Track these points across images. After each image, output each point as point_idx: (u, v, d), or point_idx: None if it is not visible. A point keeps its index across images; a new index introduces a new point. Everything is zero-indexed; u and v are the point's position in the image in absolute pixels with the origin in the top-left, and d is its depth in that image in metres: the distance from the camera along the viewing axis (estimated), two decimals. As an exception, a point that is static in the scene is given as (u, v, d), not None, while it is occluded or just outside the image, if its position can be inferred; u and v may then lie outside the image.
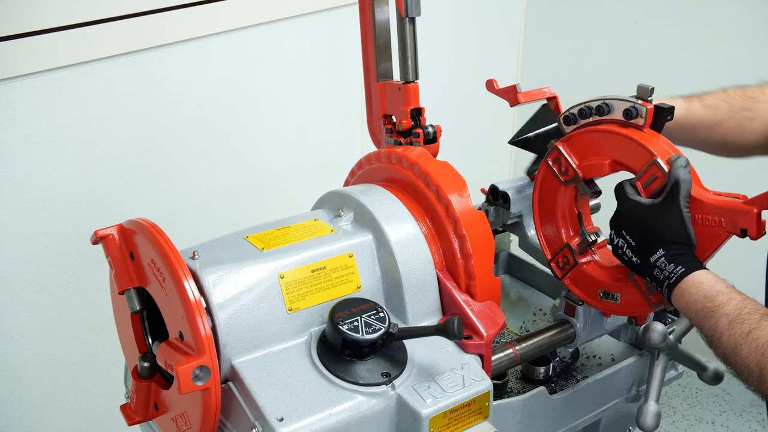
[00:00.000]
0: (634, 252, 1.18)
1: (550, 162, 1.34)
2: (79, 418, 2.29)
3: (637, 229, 1.18)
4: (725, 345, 1.05)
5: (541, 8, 3.31)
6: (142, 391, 1.22)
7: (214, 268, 1.13)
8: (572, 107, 1.31)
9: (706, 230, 1.15)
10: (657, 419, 1.37)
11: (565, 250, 1.37)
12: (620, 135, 1.24)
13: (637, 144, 1.21)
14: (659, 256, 1.13)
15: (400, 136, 1.56)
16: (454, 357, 1.17)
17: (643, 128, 1.23)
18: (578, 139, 1.31)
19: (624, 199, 1.21)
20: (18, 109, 1.96)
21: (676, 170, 1.15)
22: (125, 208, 2.22)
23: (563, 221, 1.38)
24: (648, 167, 1.19)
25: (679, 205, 1.14)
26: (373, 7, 1.55)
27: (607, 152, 1.27)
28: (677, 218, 1.14)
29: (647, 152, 1.20)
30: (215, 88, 2.37)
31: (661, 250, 1.14)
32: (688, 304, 1.10)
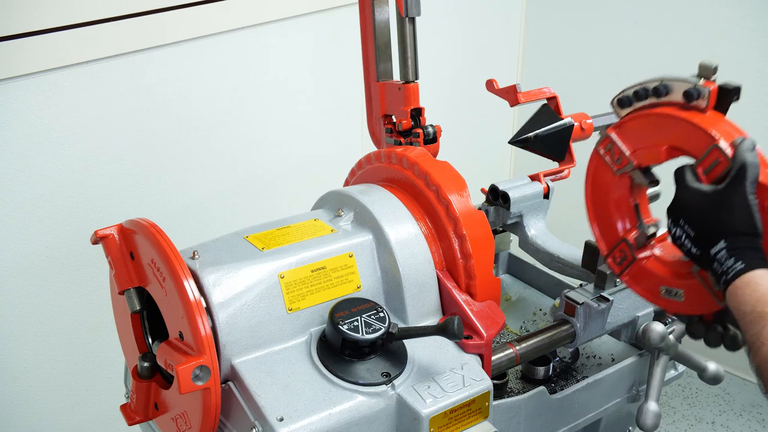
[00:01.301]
0: (693, 243, 1.09)
1: (602, 151, 1.26)
2: (79, 418, 2.29)
3: (697, 218, 1.08)
4: (764, 356, 0.96)
5: (541, 8, 3.31)
6: (142, 391, 1.22)
7: (214, 268, 1.13)
8: (627, 89, 1.21)
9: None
10: (657, 419, 1.37)
11: (622, 245, 1.28)
12: (679, 119, 1.14)
13: (697, 128, 1.12)
14: (720, 249, 1.04)
15: (400, 136, 1.56)
16: (454, 357, 1.17)
17: (705, 110, 1.13)
18: (632, 125, 1.22)
19: (683, 185, 1.11)
20: (18, 109, 1.96)
21: (741, 153, 1.06)
22: (125, 208, 2.22)
23: (619, 214, 1.29)
24: (709, 152, 1.10)
25: (744, 191, 1.04)
26: (373, 7, 1.55)
27: (665, 137, 1.17)
28: (742, 206, 1.04)
29: (708, 136, 1.11)
30: (215, 88, 2.37)
31: (722, 242, 1.04)
32: (739, 304, 1.01)
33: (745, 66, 2.68)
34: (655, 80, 1.18)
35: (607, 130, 1.26)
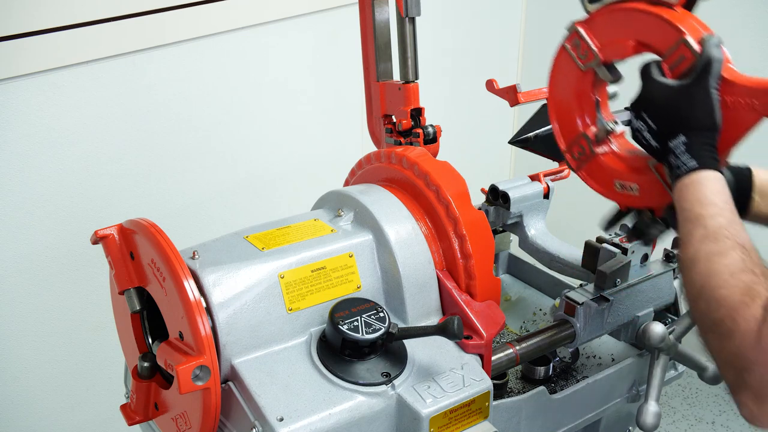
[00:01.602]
0: (654, 136, 1.12)
1: (569, 45, 1.27)
2: (79, 418, 2.29)
3: (661, 111, 1.11)
4: (688, 254, 1.01)
5: (541, 8, 3.31)
6: (142, 391, 1.22)
7: (214, 268, 1.13)
8: None
9: (737, 114, 1.07)
10: (657, 419, 1.37)
11: (582, 139, 1.28)
12: (648, 13, 1.15)
13: (666, 22, 1.12)
14: (678, 142, 1.07)
15: (400, 136, 1.56)
16: (454, 357, 1.17)
17: (674, 7, 1.14)
18: (601, 20, 1.23)
19: (649, 79, 1.13)
20: (18, 109, 1.96)
21: (708, 49, 1.07)
22: (125, 208, 2.22)
23: (579, 110, 1.29)
24: (676, 47, 1.11)
25: (708, 86, 1.06)
26: (373, 7, 1.55)
27: (633, 32, 1.18)
28: (705, 101, 1.06)
29: (676, 31, 1.11)
30: (215, 88, 2.37)
31: (682, 136, 1.08)
32: (682, 201, 1.05)
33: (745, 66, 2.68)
34: None
35: (576, 24, 1.27)
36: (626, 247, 1.38)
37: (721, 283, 0.95)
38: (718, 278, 0.96)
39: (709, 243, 0.99)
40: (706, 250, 0.99)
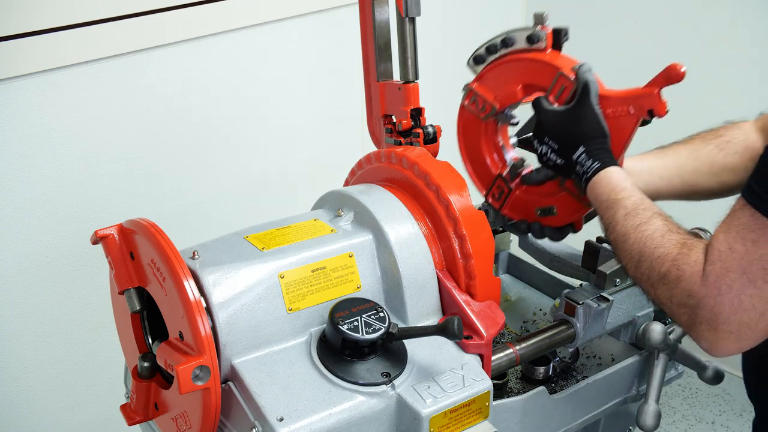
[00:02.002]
0: (558, 154, 1.31)
1: (467, 103, 1.49)
2: (79, 418, 2.29)
3: (558, 132, 1.31)
4: (617, 233, 1.17)
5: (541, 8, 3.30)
6: (142, 391, 1.22)
7: (214, 268, 1.13)
8: (478, 48, 1.45)
9: (619, 121, 1.27)
10: (657, 419, 1.37)
11: (498, 180, 1.49)
12: (526, 59, 1.38)
13: (543, 63, 1.35)
14: (580, 153, 1.27)
15: (400, 136, 1.56)
16: (454, 357, 1.17)
17: (545, 50, 1.38)
18: (489, 75, 1.45)
19: (541, 110, 1.34)
20: (18, 109, 1.96)
21: (582, 75, 1.29)
22: (125, 208, 2.22)
23: (490, 155, 1.50)
24: (556, 80, 1.33)
25: (591, 103, 1.28)
26: (373, 7, 1.55)
27: (518, 78, 1.40)
28: (591, 115, 1.28)
29: (553, 68, 1.34)
30: (215, 88, 2.37)
31: (582, 147, 1.27)
32: (597, 195, 1.23)
33: (745, 66, 2.68)
34: (501, 35, 1.41)
35: (469, 84, 1.48)
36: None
37: (657, 244, 1.11)
38: (652, 241, 1.11)
39: (632, 218, 1.16)
40: (632, 224, 1.15)
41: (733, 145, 1.40)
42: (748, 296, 1.01)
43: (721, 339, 1.04)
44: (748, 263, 1.01)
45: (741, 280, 1.01)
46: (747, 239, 1.01)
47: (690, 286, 1.05)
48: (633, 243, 1.14)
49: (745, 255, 1.01)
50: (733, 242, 1.02)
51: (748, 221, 1.01)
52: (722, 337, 1.04)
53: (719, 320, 1.03)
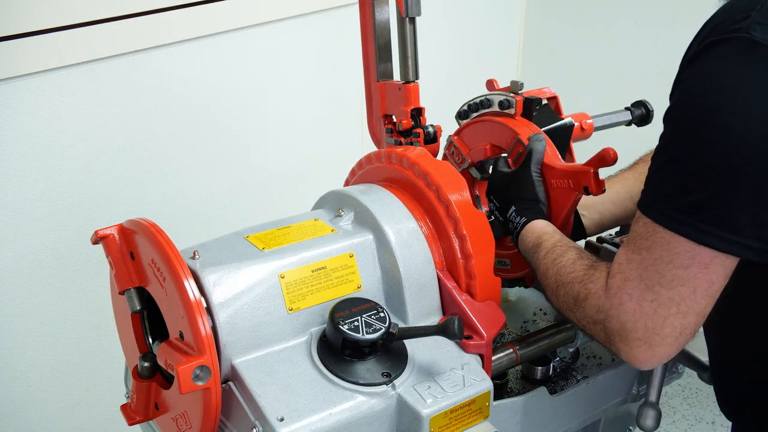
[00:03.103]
0: (499, 212, 1.40)
1: (447, 153, 1.59)
2: (79, 418, 2.29)
3: (499, 191, 1.41)
4: (540, 272, 1.25)
5: (541, 8, 3.31)
6: (143, 391, 1.22)
7: (214, 267, 1.13)
8: (463, 105, 1.56)
9: (560, 192, 1.36)
10: (657, 419, 1.37)
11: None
12: (495, 122, 1.49)
13: (506, 127, 1.45)
14: (512, 211, 1.35)
15: (401, 136, 1.56)
16: (455, 357, 1.17)
17: (515, 116, 1.46)
18: (467, 130, 1.56)
19: (494, 170, 1.44)
20: (18, 109, 1.96)
21: (531, 143, 1.38)
22: (125, 208, 2.22)
23: None
24: (514, 145, 1.43)
25: (530, 169, 1.36)
26: (373, 7, 1.55)
27: (487, 138, 1.51)
28: (528, 180, 1.35)
29: (513, 132, 1.44)
30: (215, 87, 2.37)
31: (513, 207, 1.36)
32: (525, 245, 1.30)
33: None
34: (482, 96, 1.52)
35: (451, 136, 1.58)
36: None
37: (569, 271, 1.18)
38: (565, 269, 1.19)
39: (550, 254, 1.23)
40: (550, 259, 1.23)
41: None
42: (648, 302, 1.05)
43: (634, 348, 1.07)
44: (644, 269, 1.05)
45: (639, 287, 1.05)
46: (642, 247, 1.05)
47: (596, 301, 1.11)
48: (551, 276, 1.21)
49: (641, 263, 1.05)
50: (630, 253, 1.07)
51: (642, 230, 1.06)
52: (635, 347, 1.07)
53: (627, 329, 1.07)
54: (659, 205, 1.04)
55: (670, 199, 1.03)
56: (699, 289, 1.03)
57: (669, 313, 1.04)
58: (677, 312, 1.04)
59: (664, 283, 1.03)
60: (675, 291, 1.03)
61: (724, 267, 1.02)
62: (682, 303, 1.04)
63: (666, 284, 1.03)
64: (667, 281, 1.03)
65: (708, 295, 1.04)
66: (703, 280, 1.03)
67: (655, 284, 1.04)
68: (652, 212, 1.05)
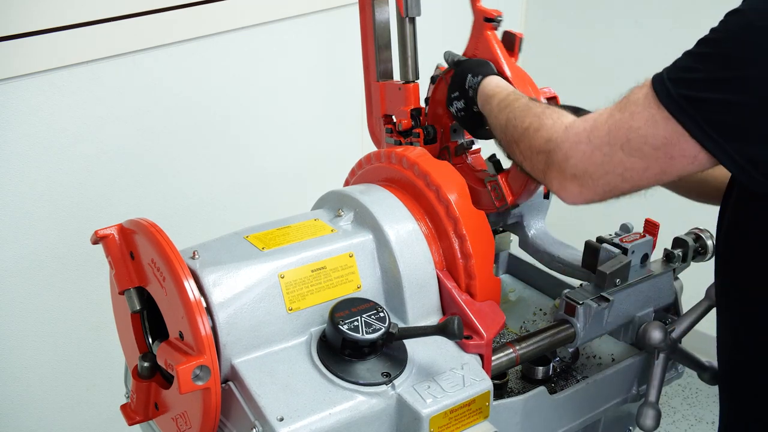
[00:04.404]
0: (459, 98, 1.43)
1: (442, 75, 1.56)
2: (79, 418, 2.29)
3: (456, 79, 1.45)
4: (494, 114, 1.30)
5: (541, 8, 3.31)
6: (143, 391, 1.22)
7: (214, 267, 1.13)
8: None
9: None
10: (657, 419, 1.37)
11: (444, 151, 1.59)
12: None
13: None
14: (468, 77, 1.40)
15: (400, 136, 1.56)
16: (455, 357, 1.18)
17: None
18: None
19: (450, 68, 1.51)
20: (18, 109, 1.96)
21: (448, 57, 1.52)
22: (125, 208, 2.22)
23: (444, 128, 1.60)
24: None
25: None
26: (373, 7, 1.55)
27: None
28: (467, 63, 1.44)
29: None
30: (215, 88, 2.37)
31: (469, 74, 1.41)
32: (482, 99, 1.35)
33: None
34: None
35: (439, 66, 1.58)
36: (626, 247, 1.38)
37: (523, 108, 1.23)
38: (518, 108, 1.24)
39: (504, 100, 1.28)
40: (504, 102, 1.28)
41: None
42: (601, 153, 1.08)
43: (566, 181, 1.12)
44: (617, 127, 1.07)
45: (602, 139, 1.08)
46: (629, 111, 1.07)
47: (550, 133, 1.15)
48: (503, 115, 1.26)
49: (618, 120, 1.07)
50: (616, 110, 1.09)
51: (639, 98, 1.07)
52: (568, 180, 1.12)
53: (569, 164, 1.11)
54: (672, 85, 1.04)
55: (685, 85, 1.03)
56: (651, 170, 1.07)
57: (613, 171, 1.08)
58: (620, 175, 1.08)
59: (626, 148, 1.06)
60: (630, 160, 1.06)
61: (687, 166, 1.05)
62: (629, 172, 1.07)
63: (627, 150, 1.06)
64: (630, 149, 1.06)
65: (653, 180, 1.09)
66: (660, 167, 1.06)
67: (617, 144, 1.07)
68: (660, 87, 1.05)
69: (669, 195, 1.43)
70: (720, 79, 1.01)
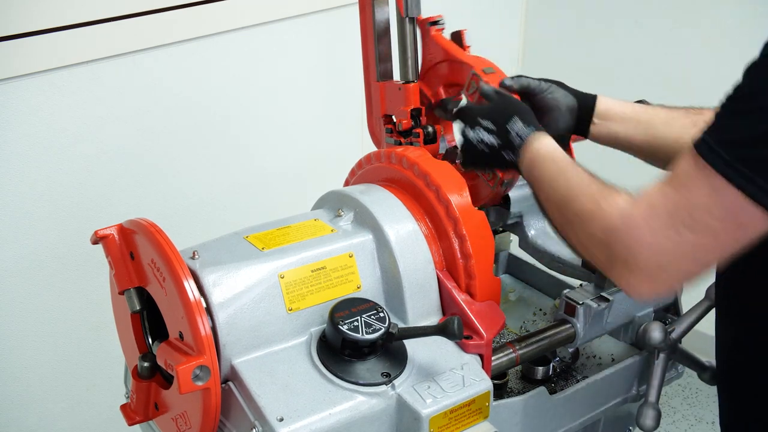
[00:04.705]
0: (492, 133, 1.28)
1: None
2: (79, 418, 2.29)
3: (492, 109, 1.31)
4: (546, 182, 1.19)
5: (541, 8, 3.31)
6: (142, 391, 1.22)
7: (214, 268, 1.13)
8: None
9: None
10: (657, 419, 1.37)
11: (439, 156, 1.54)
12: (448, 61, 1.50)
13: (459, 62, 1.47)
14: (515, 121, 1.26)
15: (400, 136, 1.56)
16: (454, 357, 1.18)
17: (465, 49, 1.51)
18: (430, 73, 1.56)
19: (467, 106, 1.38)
20: (18, 109, 1.96)
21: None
22: (125, 208, 2.22)
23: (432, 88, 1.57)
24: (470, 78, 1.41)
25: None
26: (373, 7, 1.55)
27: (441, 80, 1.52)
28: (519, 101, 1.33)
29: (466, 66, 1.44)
30: (215, 88, 2.37)
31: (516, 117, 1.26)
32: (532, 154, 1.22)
33: (745, 65, 2.68)
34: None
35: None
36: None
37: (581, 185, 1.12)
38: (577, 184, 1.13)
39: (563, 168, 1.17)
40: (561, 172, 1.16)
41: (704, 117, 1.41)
42: (667, 239, 1.00)
43: (636, 278, 1.03)
44: (676, 208, 0.99)
45: (664, 223, 1.00)
46: (683, 185, 1.00)
47: (607, 222, 1.05)
48: (559, 188, 1.15)
49: (675, 199, 1.00)
50: (668, 187, 1.02)
51: (690, 169, 1.00)
52: (638, 277, 1.03)
53: (635, 259, 1.02)
54: (721, 149, 0.97)
55: (735, 147, 0.97)
56: (724, 244, 0.99)
57: (684, 256, 1.00)
58: (691, 258, 1.00)
59: (692, 227, 0.97)
60: (700, 238, 0.98)
61: (759, 231, 0.98)
62: (702, 251, 0.99)
63: (692, 229, 0.97)
64: (696, 227, 0.97)
65: (728, 251, 1.00)
66: (732, 237, 0.98)
67: (682, 225, 0.98)
68: (710, 154, 0.98)
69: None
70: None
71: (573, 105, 1.41)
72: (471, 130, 1.31)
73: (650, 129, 1.42)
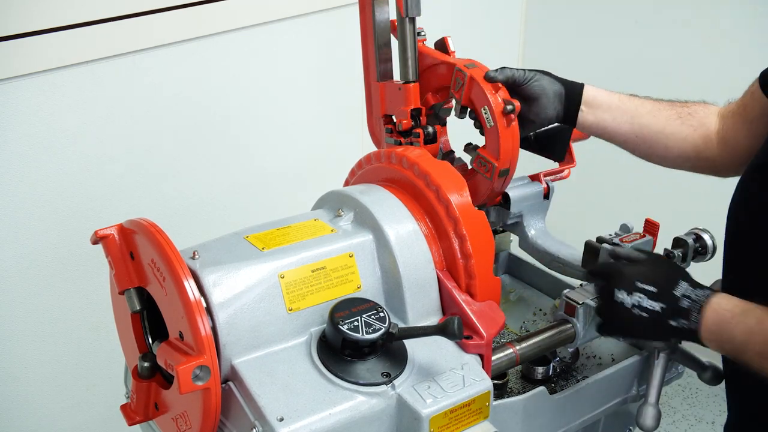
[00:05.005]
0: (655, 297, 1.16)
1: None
2: (79, 418, 2.29)
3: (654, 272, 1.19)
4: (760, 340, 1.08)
5: (541, 8, 3.31)
6: (142, 391, 1.22)
7: (214, 268, 1.13)
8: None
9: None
10: (657, 419, 1.37)
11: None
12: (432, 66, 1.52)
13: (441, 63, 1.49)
14: (685, 287, 1.15)
15: (400, 136, 1.56)
16: (454, 357, 1.17)
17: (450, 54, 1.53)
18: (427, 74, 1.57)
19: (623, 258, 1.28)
20: (18, 109, 1.96)
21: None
22: (125, 208, 2.22)
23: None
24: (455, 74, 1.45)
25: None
26: (373, 7, 1.55)
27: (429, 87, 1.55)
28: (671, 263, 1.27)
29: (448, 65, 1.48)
30: (215, 88, 2.37)
31: (683, 282, 1.16)
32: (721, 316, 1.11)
33: (745, 65, 2.68)
34: None
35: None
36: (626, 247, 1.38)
37: None
38: None
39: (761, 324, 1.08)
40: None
41: (692, 119, 1.45)
42: None
43: None
44: None
45: None
46: None
47: None
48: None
49: None
50: None
51: None
52: None
53: None
54: None
55: None
56: None
57: None
58: None
59: None
60: None
61: None
62: None
63: None
64: None
65: None
66: None
67: None
68: None
69: (669, 195, 1.44)
70: None
71: (560, 91, 1.43)
72: (628, 295, 1.18)
73: (636, 118, 1.45)
